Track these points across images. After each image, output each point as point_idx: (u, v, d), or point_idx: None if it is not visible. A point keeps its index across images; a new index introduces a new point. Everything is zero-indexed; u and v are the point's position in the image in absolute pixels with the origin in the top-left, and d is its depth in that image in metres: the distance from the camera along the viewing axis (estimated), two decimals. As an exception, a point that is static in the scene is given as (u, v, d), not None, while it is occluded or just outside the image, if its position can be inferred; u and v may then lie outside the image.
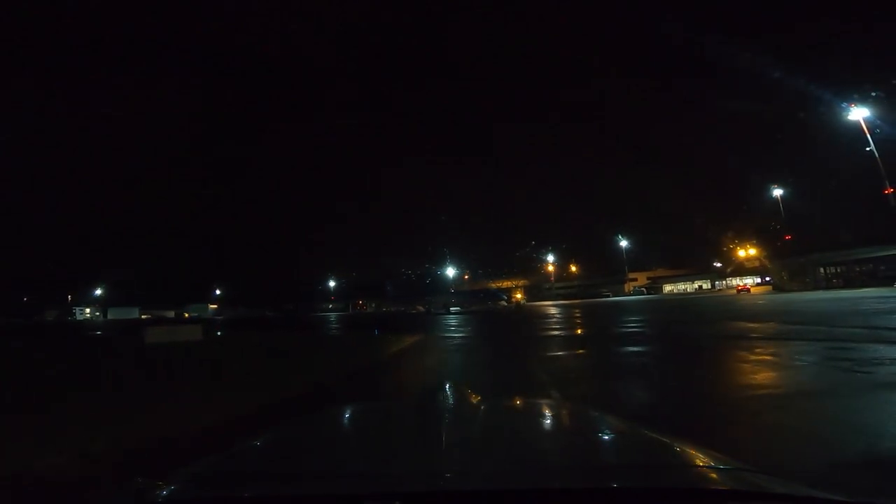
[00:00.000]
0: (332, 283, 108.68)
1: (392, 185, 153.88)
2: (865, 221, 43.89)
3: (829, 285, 44.62)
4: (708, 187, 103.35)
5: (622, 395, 5.59)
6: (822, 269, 50.07)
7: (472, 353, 11.71)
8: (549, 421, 1.89)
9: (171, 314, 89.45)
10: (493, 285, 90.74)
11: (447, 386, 2.38)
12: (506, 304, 59.15)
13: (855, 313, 14.37)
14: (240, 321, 52.66)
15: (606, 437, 1.61)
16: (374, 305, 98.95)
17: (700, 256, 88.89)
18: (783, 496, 0.99)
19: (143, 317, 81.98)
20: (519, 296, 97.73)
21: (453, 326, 23.87)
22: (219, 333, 28.55)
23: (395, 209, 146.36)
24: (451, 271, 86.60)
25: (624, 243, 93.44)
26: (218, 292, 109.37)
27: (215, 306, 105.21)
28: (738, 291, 58.34)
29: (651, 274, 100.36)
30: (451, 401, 2.01)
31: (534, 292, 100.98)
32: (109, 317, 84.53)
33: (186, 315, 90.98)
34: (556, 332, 16.38)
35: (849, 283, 42.13)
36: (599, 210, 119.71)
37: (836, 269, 47.81)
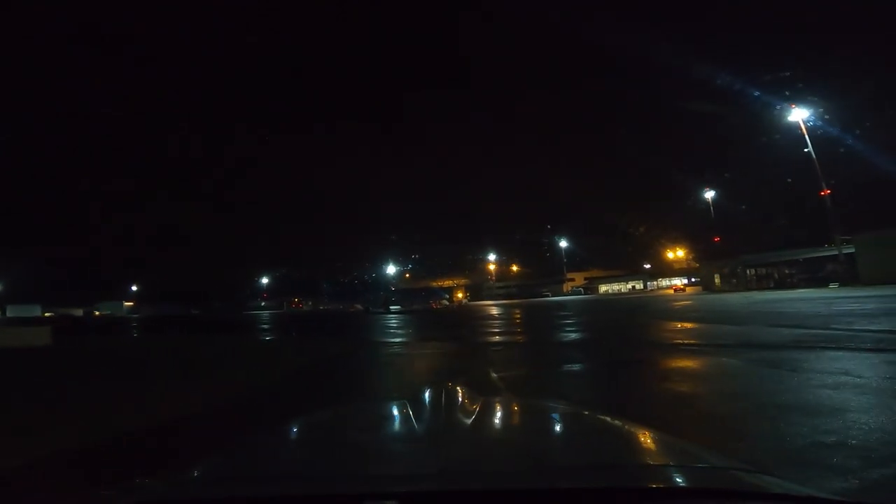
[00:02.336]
0: (265, 280, 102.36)
1: (333, 181, 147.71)
2: (795, 223, 45.87)
3: (759, 286, 45.94)
4: (640, 189, 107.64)
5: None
6: (750, 270, 51.96)
7: (406, 371, 8.87)
8: (547, 421, 1.84)
9: (80, 312, 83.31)
10: (435, 284, 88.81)
11: (443, 385, 2.14)
12: (447, 303, 56.55)
13: (835, 315, 12.93)
14: (155, 320, 46.93)
15: (604, 437, 1.55)
16: (310, 303, 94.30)
17: (633, 258, 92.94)
18: (783, 496, 0.98)
19: (45, 315, 74.53)
20: (461, 295, 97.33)
21: (392, 328, 20.95)
22: (136, 338, 24.30)
23: (335, 206, 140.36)
24: (391, 269, 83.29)
25: (563, 244, 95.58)
26: (135, 288, 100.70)
27: (131, 304, 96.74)
28: (675, 291, 61.27)
29: (588, 274, 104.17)
30: (447, 400, 1.86)
31: (475, 291, 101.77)
32: (8, 314, 74.56)
33: (97, 313, 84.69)
34: (506, 339, 13.88)
35: (780, 284, 43.47)
36: (540, 212, 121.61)
37: (764, 271, 49.58)
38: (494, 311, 35.53)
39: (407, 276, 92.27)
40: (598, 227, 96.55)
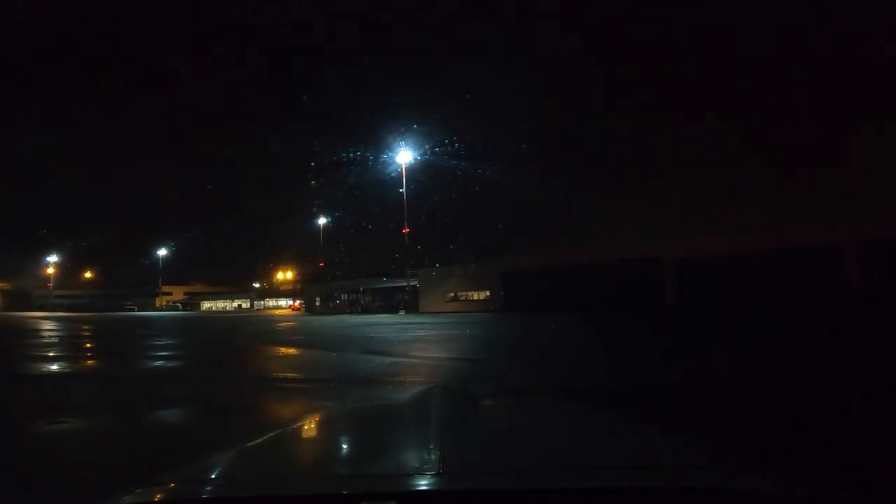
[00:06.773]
0: None
1: None
2: (383, 256, 55.31)
3: (350, 310, 52.60)
4: (255, 209, 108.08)
5: None
6: (344, 296, 59.12)
7: None
8: (548, 420, 1.82)
9: None
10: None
11: (443, 385, 2.16)
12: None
13: (411, 340, 15.31)
14: None
15: (605, 436, 1.53)
16: None
17: (242, 275, 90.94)
18: (785, 497, 0.99)
19: None
20: (-14, 303, 70.69)
21: None
22: None
23: None
24: None
25: (162, 252, 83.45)
26: None
27: None
28: (293, 310, 65.64)
29: (189, 289, 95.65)
30: (448, 400, 1.86)
31: (20, 300, 77.60)
32: None
33: None
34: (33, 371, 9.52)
35: (365, 310, 50.94)
36: (136, 215, 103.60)
37: (355, 296, 57.34)
38: (40, 325, 26.14)
39: None
40: (207, 241, 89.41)
